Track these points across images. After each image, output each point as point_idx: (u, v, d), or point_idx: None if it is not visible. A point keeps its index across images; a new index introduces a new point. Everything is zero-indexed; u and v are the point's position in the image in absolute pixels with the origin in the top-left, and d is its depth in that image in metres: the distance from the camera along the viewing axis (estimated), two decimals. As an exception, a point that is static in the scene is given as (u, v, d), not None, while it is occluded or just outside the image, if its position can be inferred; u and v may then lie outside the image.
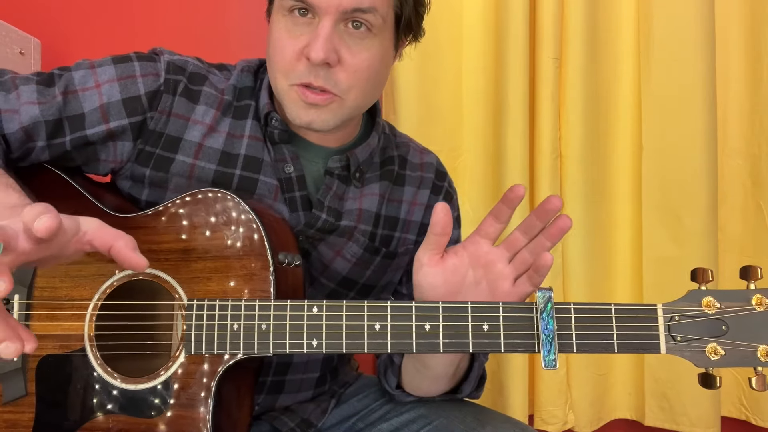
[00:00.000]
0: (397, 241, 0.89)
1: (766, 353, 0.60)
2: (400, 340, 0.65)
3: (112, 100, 0.75)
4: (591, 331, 0.63)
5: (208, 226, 0.72)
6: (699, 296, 0.62)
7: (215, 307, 0.68)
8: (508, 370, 1.45)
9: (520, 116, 1.43)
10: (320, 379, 0.89)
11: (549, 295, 0.63)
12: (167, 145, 0.78)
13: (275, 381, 0.84)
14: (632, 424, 1.58)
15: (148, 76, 0.77)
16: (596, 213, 1.51)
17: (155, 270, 0.71)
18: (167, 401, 0.69)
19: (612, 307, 0.62)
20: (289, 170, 0.81)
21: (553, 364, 0.61)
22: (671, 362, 1.48)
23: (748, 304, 0.61)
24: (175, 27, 1.45)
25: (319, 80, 0.73)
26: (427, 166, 0.94)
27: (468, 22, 1.47)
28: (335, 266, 0.85)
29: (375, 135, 0.87)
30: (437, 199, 0.92)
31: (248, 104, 0.82)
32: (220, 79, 0.83)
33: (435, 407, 0.83)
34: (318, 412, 0.88)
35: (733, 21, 1.53)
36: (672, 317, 0.62)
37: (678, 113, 1.45)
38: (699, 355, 0.61)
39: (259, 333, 0.67)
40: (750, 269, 0.61)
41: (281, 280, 0.71)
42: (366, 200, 0.86)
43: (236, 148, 0.80)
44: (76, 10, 1.42)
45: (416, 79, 1.43)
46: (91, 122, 0.75)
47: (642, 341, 0.62)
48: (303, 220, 0.81)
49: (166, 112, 0.78)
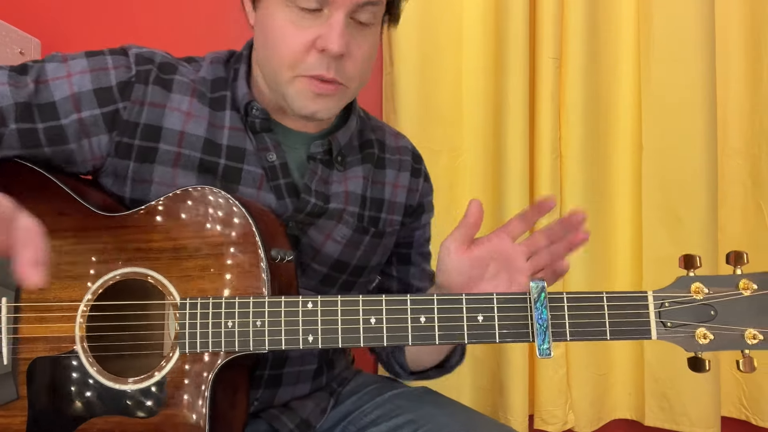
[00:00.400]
0: (384, 221, 0.91)
1: (753, 336, 0.62)
2: (396, 333, 0.66)
3: (83, 89, 0.75)
4: (584, 319, 0.64)
5: (199, 223, 0.71)
6: (688, 282, 0.63)
7: (209, 305, 0.68)
8: (508, 370, 1.45)
9: (520, 116, 1.43)
10: (317, 371, 0.90)
11: (542, 285, 0.64)
12: (147, 135, 0.78)
13: (273, 375, 0.84)
14: (632, 424, 1.58)
15: (119, 67, 0.77)
16: (596, 213, 1.51)
17: (146, 269, 0.71)
18: (163, 400, 0.68)
19: (604, 295, 0.64)
20: (272, 158, 0.82)
21: (547, 353, 0.63)
22: (671, 362, 1.48)
23: (735, 289, 0.62)
24: (176, 27, 1.45)
25: (331, 72, 0.75)
26: (403, 149, 0.96)
27: (468, 23, 1.47)
28: (326, 249, 0.86)
29: (353, 118, 0.89)
30: (417, 181, 0.96)
31: (224, 95, 0.82)
32: (189, 70, 0.83)
33: (424, 413, 0.83)
34: (317, 411, 0.88)
35: (733, 21, 1.53)
36: (662, 304, 0.63)
37: (678, 113, 1.45)
38: (689, 340, 0.63)
39: (254, 330, 0.67)
40: (736, 255, 0.63)
41: (274, 277, 0.70)
42: (351, 183, 0.87)
43: (219, 138, 0.80)
44: (76, 10, 1.42)
45: (416, 79, 1.43)
46: (64, 111, 0.74)
47: (633, 328, 0.64)
48: (291, 207, 0.82)
49: (139, 101, 0.77)
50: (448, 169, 1.48)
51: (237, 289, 0.69)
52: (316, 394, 0.90)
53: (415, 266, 0.98)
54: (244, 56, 0.85)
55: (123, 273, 0.71)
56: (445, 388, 0.95)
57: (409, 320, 0.65)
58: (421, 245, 0.99)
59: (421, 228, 0.98)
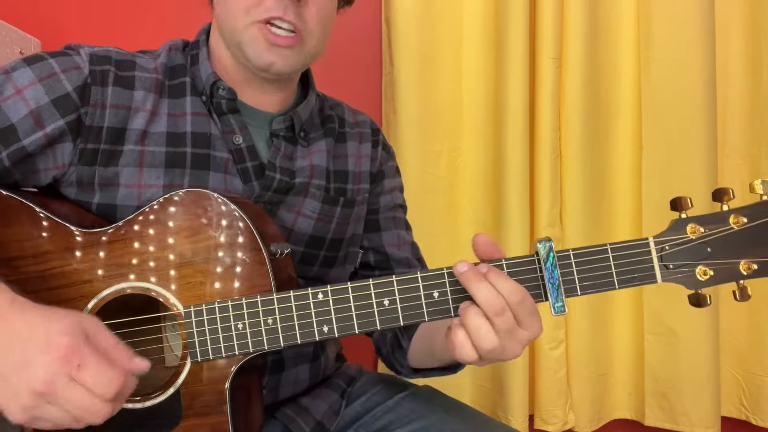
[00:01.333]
0: (352, 191, 0.91)
1: (747, 267, 0.65)
2: (412, 312, 0.65)
3: (41, 103, 0.71)
4: (592, 272, 0.65)
5: (192, 228, 0.69)
6: (683, 224, 0.66)
7: (215, 310, 0.66)
8: (508, 370, 1.45)
9: (520, 116, 1.43)
10: (314, 355, 0.90)
11: (550, 245, 0.65)
12: (111, 138, 0.75)
13: (275, 360, 0.84)
14: (632, 424, 1.58)
15: (69, 71, 0.73)
16: (596, 213, 1.51)
17: (143, 283, 0.68)
18: (182, 412, 0.67)
19: (608, 247, 0.65)
20: (238, 141, 0.81)
21: (562, 310, 0.64)
22: (671, 362, 1.48)
23: (727, 224, 0.65)
24: (176, 27, 1.45)
25: (289, 14, 0.75)
26: (362, 123, 0.98)
27: (468, 23, 1.47)
28: (299, 226, 0.85)
29: (312, 94, 0.90)
30: (377, 150, 0.97)
31: (183, 81, 0.81)
32: (147, 60, 0.81)
33: (436, 420, 0.83)
34: (330, 413, 0.88)
35: (733, 21, 1.53)
36: (663, 248, 0.66)
37: (678, 113, 1.45)
38: (691, 278, 0.66)
39: (266, 329, 0.66)
40: (721, 191, 0.66)
41: (277, 272, 0.69)
42: (315, 157, 0.87)
43: (181, 126, 0.78)
44: (76, 10, 1.42)
45: (416, 79, 1.43)
46: (25, 131, 0.70)
47: (639, 274, 0.66)
48: (258, 187, 0.81)
49: (100, 104, 0.74)
50: (448, 169, 1.48)
51: (242, 289, 0.68)
52: (326, 393, 0.90)
53: (387, 231, 0.97)
54: (202, 41, 0.85)
55: (118, 289, 0.68)
56: (445, 387, 0.95)
57: (423, 297, 0.65)
58: (389, 210, 0.98)
59: (386, 193, 0.98)
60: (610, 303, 1.55)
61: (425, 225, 1.43)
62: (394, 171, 1.00)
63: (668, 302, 1.46)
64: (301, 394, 0.88)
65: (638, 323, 1.53)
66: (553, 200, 1.47)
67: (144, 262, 0.68)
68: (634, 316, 1.55)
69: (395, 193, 0.99)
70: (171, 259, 0.68)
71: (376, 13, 1.50)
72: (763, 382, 1.52)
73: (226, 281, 0.68)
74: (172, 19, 1.43)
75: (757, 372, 1.53)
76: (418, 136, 1.44)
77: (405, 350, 0.85)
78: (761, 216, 0.65)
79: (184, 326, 0.67)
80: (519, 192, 1.44)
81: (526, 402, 1.48)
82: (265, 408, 0.81)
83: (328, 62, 1.04)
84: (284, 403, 0.86)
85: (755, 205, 0.66)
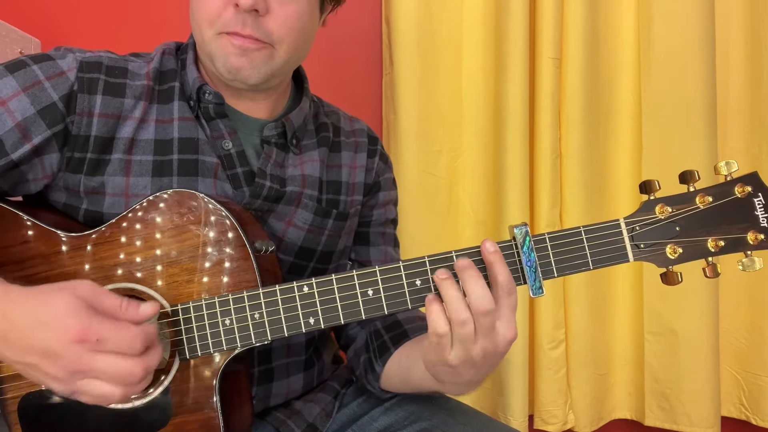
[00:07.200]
0: (345, 203, 0.90)
1: (714, 244, 0.67)
2: (395, 300, 0.67)
3: (27, 115, 0.70)
4: (567, 255, 0.68)
5: (177, 227, 0.69)
6: (652, 205, 0.69)
7: (202, 307, 0.67)
8: (508, 370, 1.45)
9: (520, 116, 1.43)
10: (308, 362, 0.89)
11: (525, 230, 0.67)
12: (99, 147, 0.74)
13: (262, 370, 0.84)
14: (632, 424, 1.59)
15: (53, 78, 0.72)
16: (596, 213, 1.51)
17: (129, 284, 0.68)
18: (171, 410, 0.67)
19: (581, 229, 0.68)
20: (228, 146, 0.80)
21: (540, 292, 0.66)
22: (671, 362, 1.48)
23: (693, 204, 0.68)
24: (176, 26, 1.45)
25: (246, 29, 0.73)
26: (359, 132, 0.95)
27: (468, 23, 1.47)
28: (289, 237, 0.84)
29: (306, 100, 0.87)
30: (373, 160, 0.94)
31: (172, 86, 0.80)
32: (140, 64, 0.80)
33: (437, 422, 0.82)
34: (323, 415, 0.87)
35: (733, 21, 1.54)
36: (633, 228, 0.68)
37: (678, 113, 1.45)
38: (661, 256, 0.68)
39: (253, 323, 0.67)
40: (687, 174, 0.68)
41: (262, 268, 0.70)
42: (307, 166, 0.86)
43: (168, 133, 0.77)
44: (76, 10, 1.42)
45: (416, 79, 1.43)
46: (13, 145, 0.70)
47: (612, 255, 0.68)
48: (248, 194, 0.80)
49: (86, 113, 0.73)
50: (448, 169, 1.48)
51: (229, 286, 0.69)
52: (320, 396, 0.89)
53: (375, 247, 0.95)
54: (191, 44, 0.83)
55: None
56: (445, 387, 0.95)
57: (405, 285, 0.67)
58: (380, 224, 0.96)
59: (380, 207, 0.95)
60: (610, 303, 1.55)
61: (425, 225, 1.43)
62: (390, 183, 0.98)
63: (668, 302, 1.46)
64: (294, 398, 0.88)
65: (638, 323, 1.54)
66: (553, 200, 1.47)
67: (130, 263, 0.69)
68: (634, 316, 1.55)
69: (389, 207, 0.98)
70: (157, 258, 0.69)
71: (376, 13, 1.50)
72: (763, 382, 1.52)
73: (212, 278, 0.69)
74: (172, 19, 1.43)
75: (757, 372, 1.53)
76: (418, 136, 1.44)
77: (378, 374, 0.84)
78: (726, 195, 0.67)
79: (171, 324, 0.67)
80: (519, 192, 1.44)
81: (526, 402, 1.48)
82: (256, 414, 0.81)
83: (328, 62, 1.04)
84: (276, 408, 0.86)
85: (720, 185, 0.68)
